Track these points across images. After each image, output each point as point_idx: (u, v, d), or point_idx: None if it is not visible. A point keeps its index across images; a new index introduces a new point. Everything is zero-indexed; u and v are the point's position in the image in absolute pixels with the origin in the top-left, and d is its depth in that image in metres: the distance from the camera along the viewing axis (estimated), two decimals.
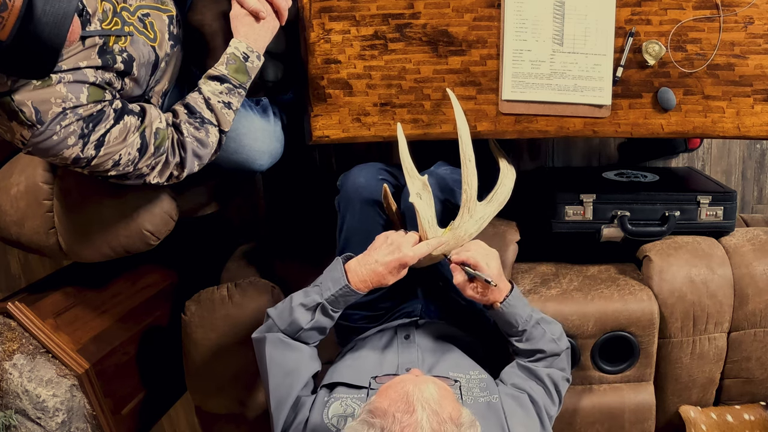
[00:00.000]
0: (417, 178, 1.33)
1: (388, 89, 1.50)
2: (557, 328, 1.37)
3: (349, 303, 1.32)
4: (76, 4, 0.98)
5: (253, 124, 1.52)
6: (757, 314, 1.63)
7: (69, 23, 0.97)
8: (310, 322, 1.29)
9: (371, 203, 1.47)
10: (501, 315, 1.30)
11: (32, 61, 0.99)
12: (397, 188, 1.51)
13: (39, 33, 0.95)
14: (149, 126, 1.28)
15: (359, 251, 1.35)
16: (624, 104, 1.48)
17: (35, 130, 1.13)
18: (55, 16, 0.95)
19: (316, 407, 1.24)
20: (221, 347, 1.62)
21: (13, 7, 0.91)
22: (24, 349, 1.55)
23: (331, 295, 1.28)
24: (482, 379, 1.28)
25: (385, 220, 1.47)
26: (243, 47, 1.34)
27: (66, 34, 0.98)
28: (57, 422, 1.52)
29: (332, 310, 1.29)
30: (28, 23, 0.94)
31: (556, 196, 1.72)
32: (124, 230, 1.51)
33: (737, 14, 1.42)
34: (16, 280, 2.38)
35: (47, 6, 0.95)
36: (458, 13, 1.45)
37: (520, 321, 1.30)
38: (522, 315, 1.30)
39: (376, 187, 1.46)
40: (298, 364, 1.29)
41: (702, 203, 1.71)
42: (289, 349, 1.30)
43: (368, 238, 1.36)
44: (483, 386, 1.26)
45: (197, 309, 1.64)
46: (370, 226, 1.45)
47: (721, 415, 1.66)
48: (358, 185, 1.48)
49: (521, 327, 1.30)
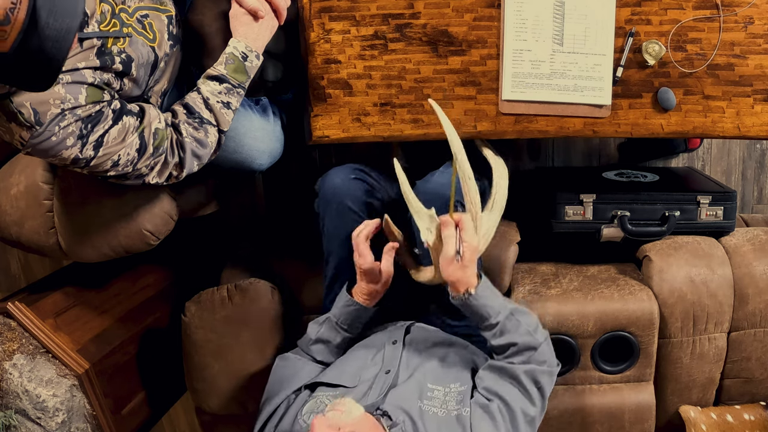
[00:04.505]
0: (423, 212, 1.29)
1: (388, 89, 1.50)
2: (532, 319, 1.28)
3: (357, 316, 1.41)
4: (79, 21, 0.98)
5: (253, 123, 1.52)
6: (757, 314, 1.63)
7: (72, 39, 0.97)
8: (317, 334, 1.42)
9: (347, 205, 1.48)
10: (471, 306, 1.25)
11: (33, 74, 0.99)
12: (373, 186, 1.53)
13: (41, 47, 0.95)
14: (148, 126, 1.28)
15: (342, 253, 1.45)
16: (624, 104, 1.48)
17: (34, 131, 1.13)
18: (58, 32, 0.95)
19: (295, 406, 1.28)
20: (221, 348, 1.62)
21: (16, 21, 0.91)
22: (24, 349, 1.55)
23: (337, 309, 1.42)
24: (460, 392, 1.23)
25: (362, 219, 1.47)
26: (242, 47, 1.34)
27: (68, 50, 0.98)
28: (57, 422, 1.52)
29: (337, 323, 1.41)
30: (31, 37, 0.94)
31: (556, 196, 1.72)
32: (124, 230, 1.51)
33: (737, 14, 1.42)
34: (16, 280, 2.38)
35: (51, 20, 0.95)
36: (458, 13, 1.45)
37: (492, 312, 1.24)
38: (494, 306, 1.24)
39: (351, 188, 1.49)
40: (294, 373, 1.37)
41: (702, 203, 1.71)
42: (291, 363, 1.41)
43: (348, 238, 1.42)
44: (459, 399, 1.22)
45: (197, 310, 1.64)
46: (349, 227, 1.45)
47: (721, 415, 1.66)
48: (334, 187, 1.50)
49: (494, 319, 1.24)
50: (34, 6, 0.93)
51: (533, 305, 1.59)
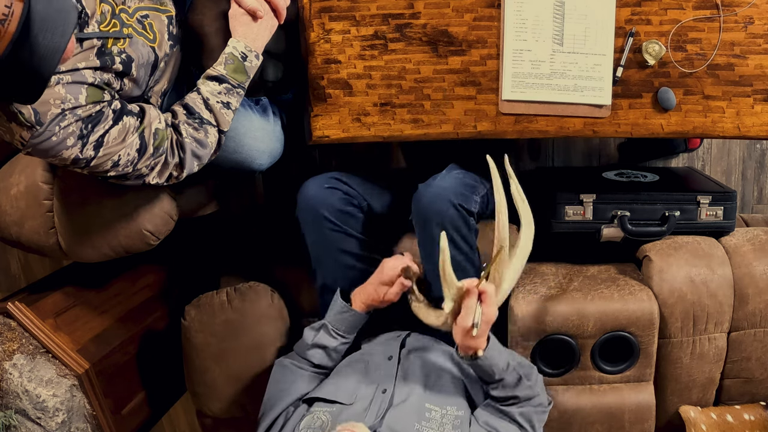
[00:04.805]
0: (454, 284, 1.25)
1: (388, 89, 1.49)
2: (533, 372, 1.36)
3: (352, 322, 1.44)
4: (68, 39, 0.99)
5: (253, 123, 1.52)
6: (757, 314, 1.63)
7: (60, 56, 0.99)
8: (313, 339, 1.43)
9: (321, 214, 1.50)
10: (479, 366, 1.29)
11: (19, 87, 1.01)
12: (349, 194, 1.54)
13: (30, 61, 0.97)
14: (148, 126, 1.28)
15: (326, 263, 1.51)
16: (624, 104, 1.48)
17: (34, 131, 1.13)
18: (48, 48, 0.97)
19: (292, 420, 1.31)
20: (221, 352, 1.62)
21: (6, 33, 0.93)
22: (24, 349, 1.55)
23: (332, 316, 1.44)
24: (457, 416, 1.28)
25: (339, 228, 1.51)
26: (241, 47, 1.34)
27: (56, 66, 0.99)
28: (57, 422, 1.52)
29: (333, 329, 1.43)
30: (20, 50, 0.95)
31: (556, 196, 1.72)
32: (124, 230, 1.51)
33: (737, 14, 1.42)
34: (16, 280, 2.38)
35: (41, 37, 0.96)
36: (458, 13, 1.45)
37: (496, 371, 1.29)
38: (499, 365, 1.29)
39: (325, 197, 1.51)
40: (291, 383, 1.39)
41: (702, 203, 1.70)
42: (288, 371, 1.42)
43: (328, 249, 1.48)
44: (457, 423, 1.26)
45: (197, 314, 1.64)
46: (327, 237, 1.50)
47: (721, 415, 1.66)
48: (308, 198, 1.52)
49: (497, 377, 1.30)
50: (26, 21, 0.94)
51: (533, 305, 1.59)
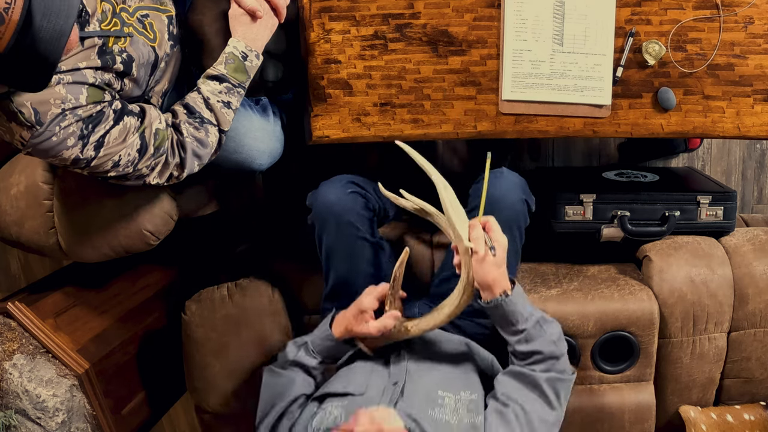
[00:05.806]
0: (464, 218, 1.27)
1: (388, 89, 1.50)
2: (557, 328, 1.30)
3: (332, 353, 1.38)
4: (73, 22, 0.99)
5: (253, 123, 1.52)
6: (757, 314, 1.63)
7: (65, 40, 0.98)
8: (295, 356, 1.39)
9: (346, 221, 1.47)
10: (501, 312, 1.24)
11: (28, 75, 1.00)
12: (367, 198, 1.51)
13: (36, 48, 0.96)
14: (149, 126, 1.28)
15: (343, 268, 1.47)
16: (624, 104, 1.48)
17: (34, 131, 1.13)
18: (52, 33, 0.97)
19: (302, 419, 1.26)
20: (221, 347, 1.62)
21: (11, 21, 0.93)
22: (24, 349, 1.55)
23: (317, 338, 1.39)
24: (472, 400, 1.23)
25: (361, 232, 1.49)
26: (241, 46, 1.34)
27: (62, 51, 0.99)
28: (57, 422, 1.52)
29: (312, 350, 1.38)
30: (25, 37, 0.95)
31: (556, 196, 1.72)
32: (124, 230, 1.51)
33: (737, 14, 1.42)
34: (16, 280, 2.38)
35: (44, 22, 0.96)
36: (458, 13, 1.45)
37: (520, 319, 1.24)
38: (523, 313, 1.24)
39: (348, 202, 1.47)
40: (285, 387, 1.36)
41: (702, 203, 1.71)
42: (279, 376, 1.38)
43: (350, 254, 1.45)
44: (471, 407, 1.22)
45: (197, 308, 1.64)
46: (349, 242, 1.47)
47: (721, 415, 1.66)
48: (329, 204, 1.48)
49: (521, 326, 1.24)
50: (29, 7, 0.94)
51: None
